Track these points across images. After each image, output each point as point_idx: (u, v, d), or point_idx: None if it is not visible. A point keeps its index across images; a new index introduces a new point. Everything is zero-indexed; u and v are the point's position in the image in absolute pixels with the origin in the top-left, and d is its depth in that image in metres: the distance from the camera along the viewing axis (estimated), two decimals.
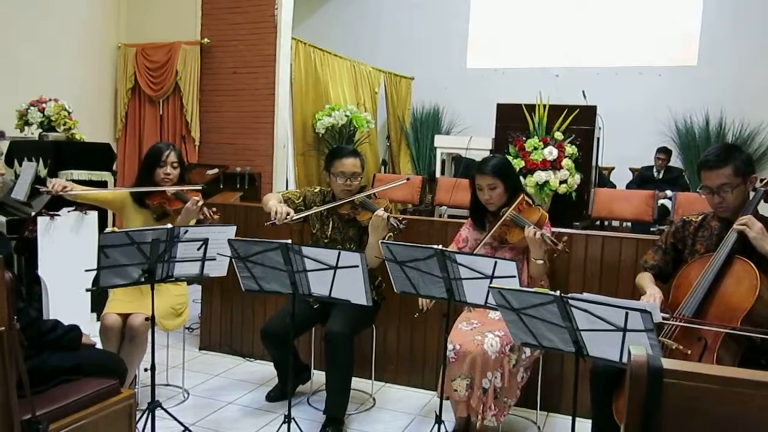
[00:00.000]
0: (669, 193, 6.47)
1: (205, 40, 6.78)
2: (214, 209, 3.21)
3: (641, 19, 8.77)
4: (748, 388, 1.02)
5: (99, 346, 3.02)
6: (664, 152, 7.64)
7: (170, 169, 3.29)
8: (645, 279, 2.63)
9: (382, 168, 9.06)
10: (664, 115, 8.48)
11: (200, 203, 3.16)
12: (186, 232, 2.65)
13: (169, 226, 2.64)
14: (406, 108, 9.71)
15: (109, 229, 2.84)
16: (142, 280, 2.65)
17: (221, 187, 6.31)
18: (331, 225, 3.27)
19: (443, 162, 7.27)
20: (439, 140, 7.41)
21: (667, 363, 1.07)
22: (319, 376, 3.42)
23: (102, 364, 2.40)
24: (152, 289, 2.69)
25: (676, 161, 8.17)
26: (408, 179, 3.16)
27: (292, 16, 6.64)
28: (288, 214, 3.06)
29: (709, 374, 1.04)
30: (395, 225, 2.92)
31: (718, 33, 8.35)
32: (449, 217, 5.80)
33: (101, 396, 2.27)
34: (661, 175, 7.58)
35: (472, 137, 6.60)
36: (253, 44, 6.64)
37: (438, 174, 7.12)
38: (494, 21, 9.54)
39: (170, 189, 3.24)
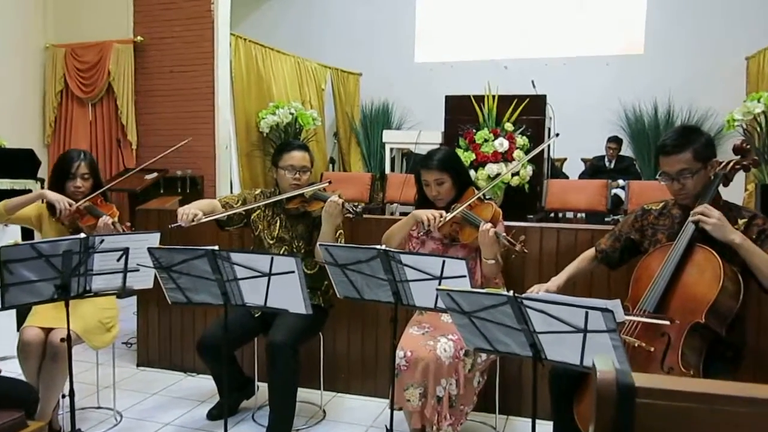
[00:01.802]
0: (621, 182, 6.44)
1: (139, 38, 6.45)
2: (128, 224, 2.99)
3: (588, 8, 8.75)
4: (738, 407, 0.84)
5: (16, 364, 2.73)
6: (615, 141, 7.63)
7: (80, 181, 3.06)
8: (575, 261, 2.57)
9: (331, 166, 8.83)
10: (613, 104, 8.47)
11: (111, 222, 2.92)
12: (102, 241, 2.39)
13: (83, 235, 2.38)
14: (355, 104, 9.48)
15: (11, 242, 2.55)
16: (55, 297, 2.37)
17: (161, 191, 6.01)
18: (278, 224, 3.04)
19: (393, 158, 7.08)
20: (388, 135, 7.22)
21: (640, 380, 0.88)
22: (264, 390, 3.17)
23: (6, 395, 2.12)
24: (67, 306, 2.41)
25: (627, 150, 8.17)
26: (330, 182, 2.97)
27: (229, 11, 6.35)
28: (195, 216, 2.82)
29: (691, 392, 0.85)
30: (351, 209, 2.72)
31: (662, 21, 8.38)
32: (401, 214, 5.61)
33: (4, 431, 1.99)
34: (612, 165, 7.57)
35: (422, 131, 6.43)
36: (189, 41, 6.34)
37: (388, 170, 6.93)
38: (441, 15, 9.40)
39: (82, 203, 3.01)
